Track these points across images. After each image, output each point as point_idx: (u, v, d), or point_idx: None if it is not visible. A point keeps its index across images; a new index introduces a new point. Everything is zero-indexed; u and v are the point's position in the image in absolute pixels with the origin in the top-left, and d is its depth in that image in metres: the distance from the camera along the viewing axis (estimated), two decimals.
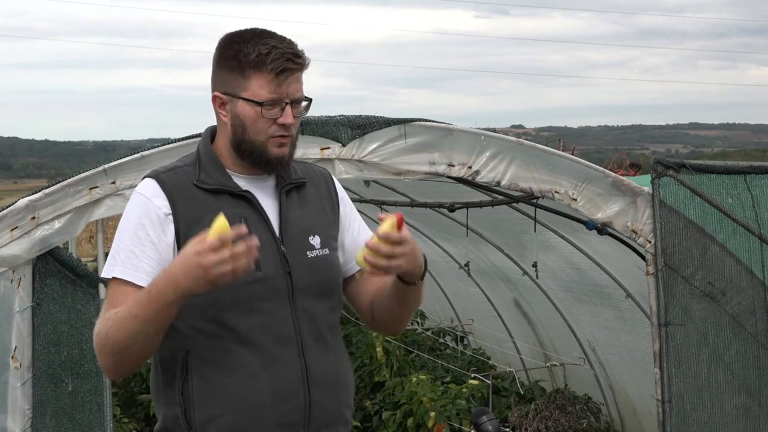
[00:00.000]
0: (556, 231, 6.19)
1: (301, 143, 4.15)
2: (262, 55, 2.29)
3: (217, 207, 2.28)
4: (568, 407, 6.65)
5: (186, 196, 2.32)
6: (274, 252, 2.33)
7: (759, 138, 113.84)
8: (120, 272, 2.27)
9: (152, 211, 2.29)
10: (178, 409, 2.29)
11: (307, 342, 2.33)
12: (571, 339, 7.23)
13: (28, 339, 3.85)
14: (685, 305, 4.35)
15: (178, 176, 2.35)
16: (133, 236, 2.29)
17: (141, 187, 2.36)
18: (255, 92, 2.31)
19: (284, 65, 2.30)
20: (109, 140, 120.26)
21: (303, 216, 2.41)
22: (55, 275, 3.89)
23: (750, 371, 4.43)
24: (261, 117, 2.31)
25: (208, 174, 2.36)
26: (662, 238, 4.33)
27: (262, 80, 2.30)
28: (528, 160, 4.37)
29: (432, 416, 5.99)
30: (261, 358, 2.28)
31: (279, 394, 2.29)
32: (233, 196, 2.34)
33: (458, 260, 8.20)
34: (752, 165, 4.54)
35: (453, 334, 9.07)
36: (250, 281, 2.25)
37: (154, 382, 2.39)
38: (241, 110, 2.33)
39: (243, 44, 2.32)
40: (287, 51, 2.31)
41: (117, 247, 2.31)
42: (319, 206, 2.47)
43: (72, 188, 3.89)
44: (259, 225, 2.33)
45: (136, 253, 2.27)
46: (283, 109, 2.32)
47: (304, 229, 2.39)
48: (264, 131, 2.32)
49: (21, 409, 3.83)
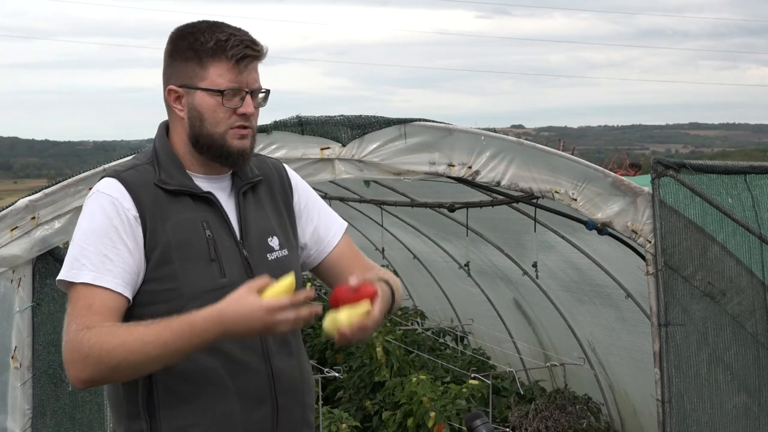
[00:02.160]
0: (556, 231, 6.19)
1: (301, 143, 4.17)
2: (221, 41, 2.21)
3: (178, 210, 2.23)
4: (568, 407, 6.65)
5: (149, 198, 2.22)
6: (237, 257, 2.26)
7: (759, 138, 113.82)
8: (93, 278, 2.15)
9: (122, 213, 2.19)
10: (143, 423, 2.21)
11: (271, 348, 2.27)
12: (571, 339, 7.23)
13: (28, 339, 3.85)
14: (685, 305, 4.35)
15: (140, 174, 2.26)
16: (105, 238, 2.17)
17: (104, 186, 2.24)
18: (214, 81, 2.22)
19: (244, 52, 2.22)
20: (109, 140, 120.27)
21: (260, 217, 2.34)
22: (55, 275, 3.85)
23: (750, 371, 4.43)
24: (221, 107, 2.22)
25: (169, 174, 2.26)
26: (662, 238, 4.33)
27: (222, 68, 2.22)
28: (528, 160, 4.37)
29: (432, 416, 5.98)
30: (227, 367, 2.21)
31: (247, 402, 2.24)
32: (194, 198, 2.26)
33: (458, 260, 8.20)
34: (752, 165, 4.53)
35: (453, 334, 9.07)
36: (216, 288, 2.18)
37: (114, 395, 2.29)
38: (199, 101, 2.24)
39: (198, 33, 2.24)
40: (245, 38, 2.24)
41: (82, 248, 2.18)
42: (274, 205, 2.41)
43: (72, 188, 3.89)
44: (221, 229, 2.27)
45: (110, 258, 2.16)
46: (243, 99, 2.24)
47: (263, 231, 2.33)
48: (224, 122, 2.24)
49: (21, 409, 3.83)
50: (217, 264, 2.23)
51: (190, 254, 2.22)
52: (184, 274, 2.20)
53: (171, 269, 2.20)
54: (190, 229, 2.23)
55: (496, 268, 7.86)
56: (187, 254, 2.21)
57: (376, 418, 6.96)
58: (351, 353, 8.25)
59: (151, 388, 2.21)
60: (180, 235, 2.21)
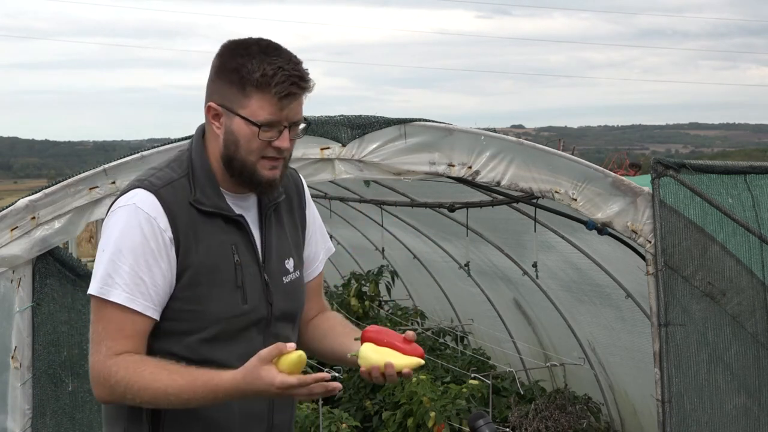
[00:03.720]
0: (556, 231, 6.19)
1: (301, 143, 4.16)
2: (267, 76, 2.16)
3: (211, 232, 2.24)
4: (568, 407, 6.65)
5: (183, 219, 2.22)
6: (259, 282, 2.29)
7: (759, 138, 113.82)
8: (126, 299, 2.17)
9: (158, 234, 2.18)
10: (145, 429, 2.26)
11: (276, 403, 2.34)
12: (571, 339, 7.23)
13: (28, 339, 3.84)
14: (685, 305, 4.35)
15: (177, 192, 2.24)
16: (141, 259, 2.17)
17: (141, 201, 2.21)
18: (254, 112, 2.19)
19: (289, 90, 2.18)
20: (109, 140, 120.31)
21: (280, 238, 2.37)
22: (55, 275, 3.89)
23: (750, 371, 4.43)
24: (256, 138, 2.20)
25: (204, 193, 2.25)
26: (662, 238, 4.33)
27: (264, 102, 2.18)
28: (528, 160, 4.37)
29: (432, 416, 5.98)
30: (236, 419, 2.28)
31: (247, 419, 2.29)
32: (226, 221, 2.26)
33: (458, 260, 8.20)
34: (752, 165, 4.53)
35: (453, 334, 9.07)
36: (237, 314, 2.24)
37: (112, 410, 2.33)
38: (236, 127, 2.21)
39: (247, 59, 2.18)
40: (294, 74, 2.18)
41: (116, 265, 2.17)
42: (292, 221, 2.43)
43: (72, 188, 3.89)
44: (248, 253, 2.29)
45: (144, 280, 2.17)
46: (280, 132, 2.22)
47: (282, 254, 2.36)
48: (257, 152, 2.22)
49: (21, 409, 3.83)
50: (242, 291, 2.26)
51: (218, 279, 2.24)
52: (209, 298, 2.24)
53: (198, 292, 2.23)
54: (221, 253, 2.25)
55: (496, 268, 7.86)
56: (215, 279, 2.24)
57: (376, 418, 6.96)
58: None
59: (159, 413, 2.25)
60: (211, 258, 2.24)
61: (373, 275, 9.33)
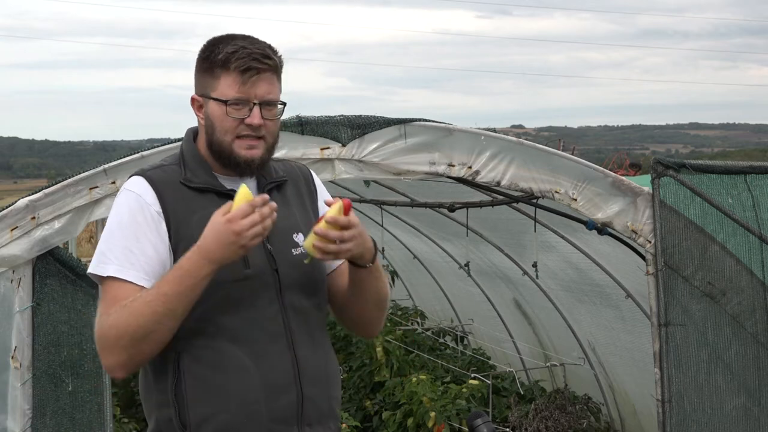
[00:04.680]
0: (556, 231, 6.19)
1: (301, 143, 4.17)
2: (228, 54, 2.30)
3: (204, 205, 2.29)
4: (568, 407, 6.65)
5: (174, 195, 2.32)
6: (261, 250, 2.32)
7: (759, 138, 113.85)
8: (116, 270, 2.26)
9: (145, 209, 2.29)
10: (172, 411, 2.28)
11: (296, 337, 2.33)
12: (571, 339, 7.23)
13: (28, 339, 3.84)
14: (685, 305, 4.35)
15: (166, 173, 2.36)
16: (128, 233, 2.27)
17: (130, 184, 2.35)
18: (222, 91, 2.31)
19: (249, 64, 2.29)
20: (109, 140, 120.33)
21: (285, 215, 2.39)
22: (55, 275, 3.89)
23: (750, 371, 4.43)
24: (227, 116, 2.31)
25: (194, 173, 2.36)
26: (662, 238, 4.33)
27: (229, 79, 2.30)
28: (528, 160, 4.36)
29: (432, 416, 5.99)
30: (252, 355, 2.28)
31: (272, 390, 2.29)
32: (219, 195, 2.34)
33: (458, 260, 8.20)
34: (752, 165, 4.53)
35: (453, 334, 9.08)
36: (239, 278, 2.27)
37: (144, 385, 2.38)
38: (211, 110, 2.34)
39: (216, 45, 2.34)
40: (255, 51, 2.31)
41: (108, 242, 2.29)
42: (300, 204, 2.47)
43: (72, 188, 3.89)
44: None
45: (132, 251, 2.26)
46: (251, 110, 2.31)
47: (288, 227, 2.39)
48: (231, 131, 2.32)
49: (21, 409, 3.83)
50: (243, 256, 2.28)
51: None
52: None
53: None
54: None
55: (496, 268, 7.86)
56: None
57: (376, 418, 6.96)
58: (351, 353, 8.26)
59: (180, 377, 2.28)
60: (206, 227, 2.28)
61: None
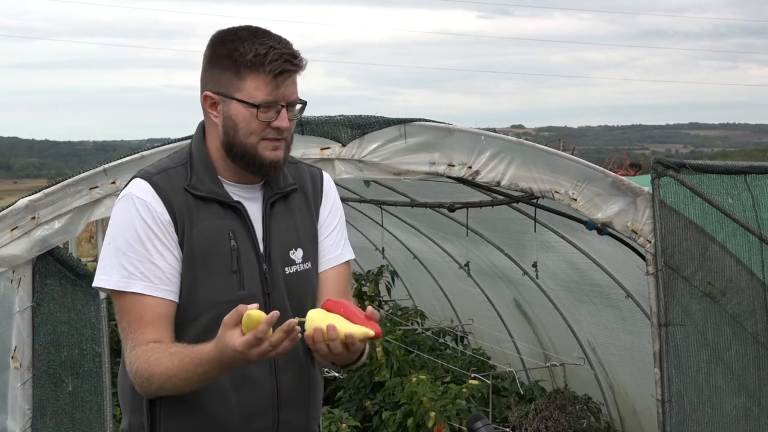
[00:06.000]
0: (556, 231, 6.19)
1: (301, 143, 4.17)
2: (259, 56, 2.19)
3: (206, 217, 2.24)
4: (568, 407, 6.65)
5: (179, 202, 2.24)
6: (257, 271, 2.27)
7: (759, 138, 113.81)
8: (145, 287, 2.19)
9: (157, 218, 2.21)
10: (144, 420, 2.25)
11: (281, 362, 2.28)
12: (571, 339, 7.23)
13: (28, 339, 3.84)
14: (685, 305, 4.35)
15: (171, 178, 2.26)
16: (149, 245, 2.20)
17: (136, 189, 2.25)
18: (251, 94, 2.21)
19: (282, 67, 2.20)
20: (109, 140, 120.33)
21: (287, 228, 2.33)
22: (55, 275, 3.89)
23: (750, 371, 4.43)
24: (255, 119, 2.22)
25: (200, 179, 2.27)
26: (662, 238, 4.33)
27: (259, 81, 2.20)
28: (528, 160, 4.36)
29: (432, 416, 5.99)
30: (232, 379, 2.22)
31: (247, 415, 2.26)
32: (222, 206, 2.27)
33: (458, 260, 8.20)
34: (752, 165, 4.53)
35: (453, 334, 9.07)
36: (233, 300, 2.17)
37: (123, 386, 2.33)
38: (234, 111, 2.23)
39: (238, 42, 2.21)
40: (285, 52, 2.21)
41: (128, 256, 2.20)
42: (306, 215, 2.39)
43: (72, 188, 3.89)
44: (246, 240, 2.27)
45: (158, 265, 2.19)
46: (278, 112, 2.23)
47: (286, 244, 2.32)
48: (257, 133, 2.23)
49: (21, 409, 3.83)
50: (238, 276, 2.25)
51: (212, 264, 2.24)
52: (204, 282, 2.23)
53: (192, 277, 2.23)
54: (216, 237, 2.25)
55: (496, 268, 7.86)
56: (208, 263, 2.23)
57: (376, 418, 6.96)
58: None
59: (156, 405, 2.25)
60: (205, 242, 2.23)
61: (373, 275, 9.33)
